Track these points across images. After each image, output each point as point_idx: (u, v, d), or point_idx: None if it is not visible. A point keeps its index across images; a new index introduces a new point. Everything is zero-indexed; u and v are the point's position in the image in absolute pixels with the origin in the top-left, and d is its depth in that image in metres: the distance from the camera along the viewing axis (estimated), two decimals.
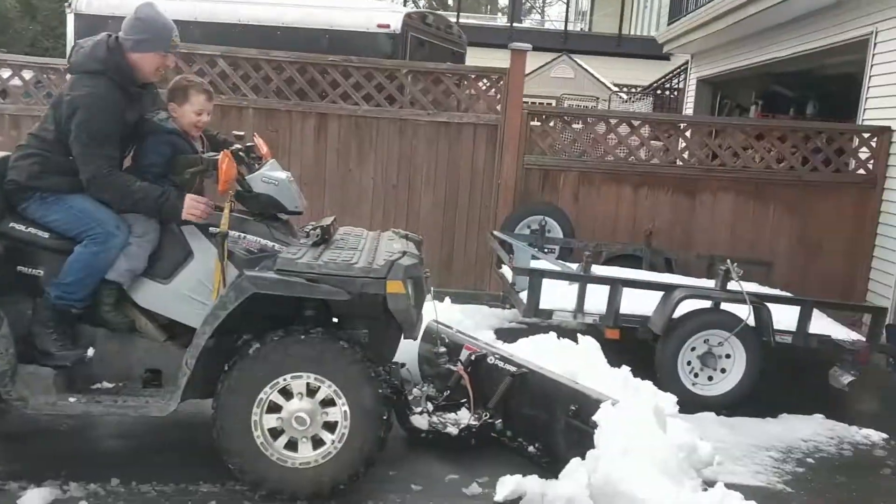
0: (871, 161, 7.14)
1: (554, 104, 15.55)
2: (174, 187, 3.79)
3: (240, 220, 3.95)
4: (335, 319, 3.97)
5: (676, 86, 15.44)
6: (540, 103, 16.93)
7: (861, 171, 7.18)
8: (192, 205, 3.70)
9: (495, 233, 6.74)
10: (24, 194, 3.81)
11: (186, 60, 7.14)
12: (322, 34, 8.21)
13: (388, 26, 8.04)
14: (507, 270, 6.46)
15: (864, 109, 7.56)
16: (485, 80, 7.26)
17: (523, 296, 5.43)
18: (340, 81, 7.09)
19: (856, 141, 7.28)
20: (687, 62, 16.37)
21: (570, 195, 7.16)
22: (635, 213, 7.17)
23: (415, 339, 4.12)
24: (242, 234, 3.89)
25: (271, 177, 3.97)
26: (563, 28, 22.36)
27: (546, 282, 5.30)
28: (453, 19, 20.50)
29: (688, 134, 7.42)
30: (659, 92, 15.81)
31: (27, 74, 7.28)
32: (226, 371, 3.58)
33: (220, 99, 7.12)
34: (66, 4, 9.07)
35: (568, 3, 23.10)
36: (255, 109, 7.18)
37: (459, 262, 7.31)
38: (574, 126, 7.34)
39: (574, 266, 5.76)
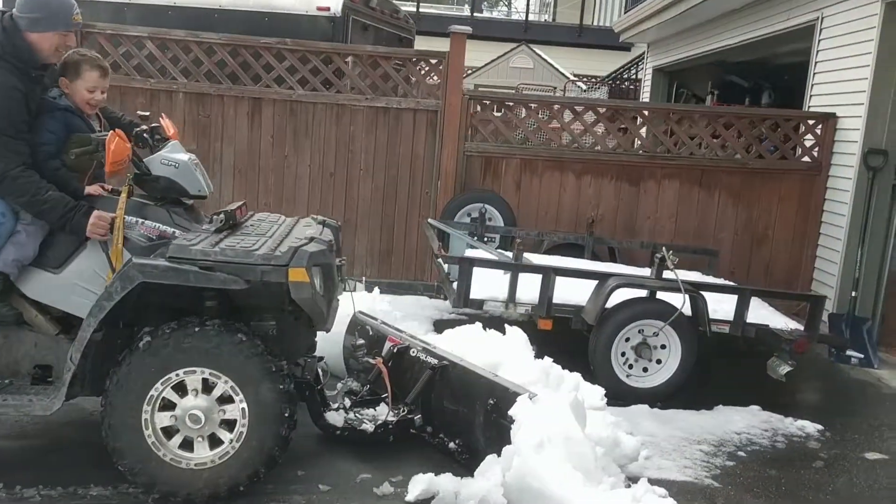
0: (816, 148, 7.04)
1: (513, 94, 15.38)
2: (80, 200, 3.53)
3: (139, 204, 3.70)
4: (243, 311, 3.75)
5: (633, 76, 15.35)
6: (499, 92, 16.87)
7: (806, 159, 7.08)
8: (97, 223, 3.45)
9: (431, 221, 6.55)
10: None
11: (112, 42, 6.84)
12: (261, 17, 7.92)
13: (327, 9, 7.78)
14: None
15: (811, 96, 7.47)
16: (423, 64, 7.04)
17: (455, 285, 5.24)
18: (274, 64, 6.83)
19: (801, 128, 7.18)
20: (644, 52, 16.34)
21: (512, 183, 6.98)
22: (578, 202, 7.01)
23: (327, 330, 3.91)
24: (140, 220, 3.65)
25: (171, 158, 3.74)
26: (524, 19, 22.13)
27: (482, 272, 5.11)
28: (410, 7, 20.32)
29: (638, 122, 7.27)
30: (616, 82, 15.69)
31: None
32: (115, 366, 3.35)
33: (147, 83, 6.87)
34: None
35: None
36: (185, 94, 6.90)
37: (399, 252, 7.10)
38: (516, 112, 7.15)
39: (509, 254, 5.57)
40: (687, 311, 4.93)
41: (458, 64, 6.79)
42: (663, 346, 4.97)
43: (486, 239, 6.50)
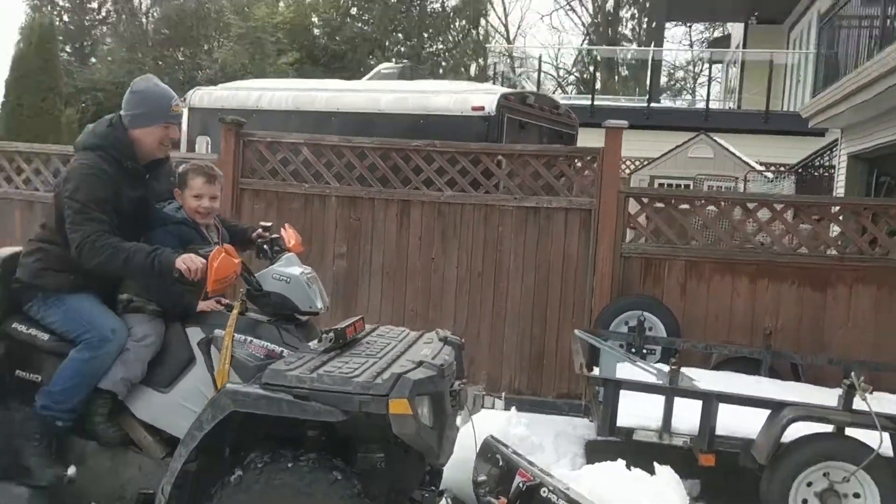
0: None
1: (691, 186, 14.59)
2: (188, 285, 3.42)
3: (250, 321, 3.55)
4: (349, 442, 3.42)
5: (826, 163, 14.06)
6: (676, 185, 16.06)
7: None
8: (189, 258, 3.29)
9: (578, 332, 6.01)
10: (29, 294, 3.60)
11: (271, 149, 7.04)
12: (418, 119, 7.97)
13: (482, 108, 7.67)
14: (597, 370, 5.70)
15: None
16: (577, 161, 6.64)
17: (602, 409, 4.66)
18: (423, 167, 6.72)
19: None
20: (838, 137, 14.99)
21: (676, 287, 6.31)
22: (753, 309, 6.20)
23: (441, 465, 3.51)
24: (249, 339, 3.48)
25: (283, 273, 3.56)
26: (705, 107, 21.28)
27: (633, 393, 4.52)
28: (584, 101, 20.14)
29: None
30: (807, 170, 14.44)
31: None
32: (208, 501, 3.12)
33: (302, 188, 6.97)
34: (182, 100, 9.41)
35: (710, 80, 22.11)
36: (337, 198, 6.93)
37: (551, 359, 6.59)
38: (681, 208, 6.53)
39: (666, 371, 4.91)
40: (887, 451, 4.03)
41: (613, 160, 6.34)
42: (857, 496, 4.08)
43: (645, 351, 5.87)
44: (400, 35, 31.54)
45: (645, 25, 36.92)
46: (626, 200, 6.38)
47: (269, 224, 4.02)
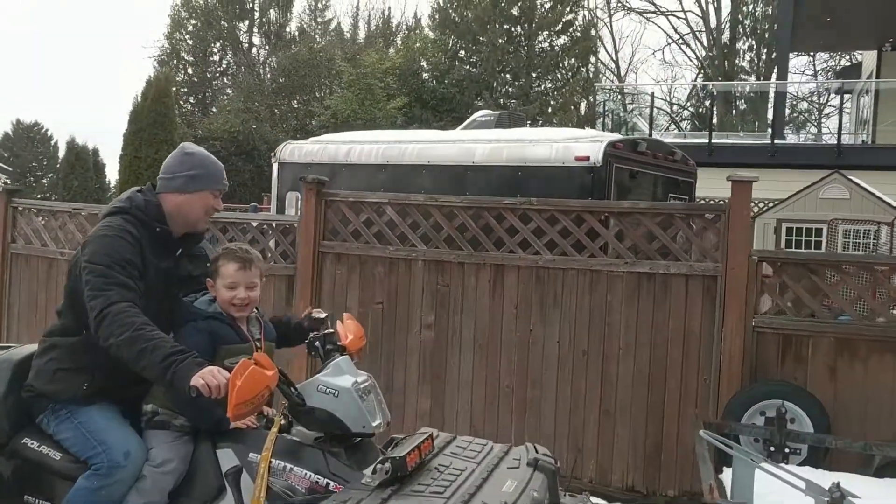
0: None
1: (824, 231, 13.18)
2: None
3: (292, 444, 2.89)
4: None
5: None
6: (807, 228, 14.61)
7: None
8: (210, 372, 2.63)
9: (703, 433, 5.04)
10: (41, 404, 3.07)
11: (353, 209, 6.48)
12: (514, 171, 7.25)
13: (586, 158, 6.88)
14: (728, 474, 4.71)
15: None
16: (697, 221, 5.71)
17: None
18: (518, 227, 5.96)
19: None
20: None
21: (824, 370, 5.24)
22: None
23: None
24: (289, 466, 2.81)
25: (329, 384, 2.89)
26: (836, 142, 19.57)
27: None
28: (702, 140, 18.88)
29: None
30: None
31: None
32: None
33: (387, 251, 6.36)
34: (272, 155, 9.10)
35: (841, 113, 20.40)
36: (424, 262, 6.26)
37: (670, 455, 5.61)
38: (826, 274, 5.47)
39: (837, 493, 3.89)
40: None
41: (742, 217, 5.39)
42: None
43: (787, 451, 4.84)
44: (508, 76, 31.20)
45: (764, 57, 35.13)
46: (759, 266, 5.39)
47: (322, 315, 3.36)
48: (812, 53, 31.85)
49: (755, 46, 36.01)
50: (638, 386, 5.71)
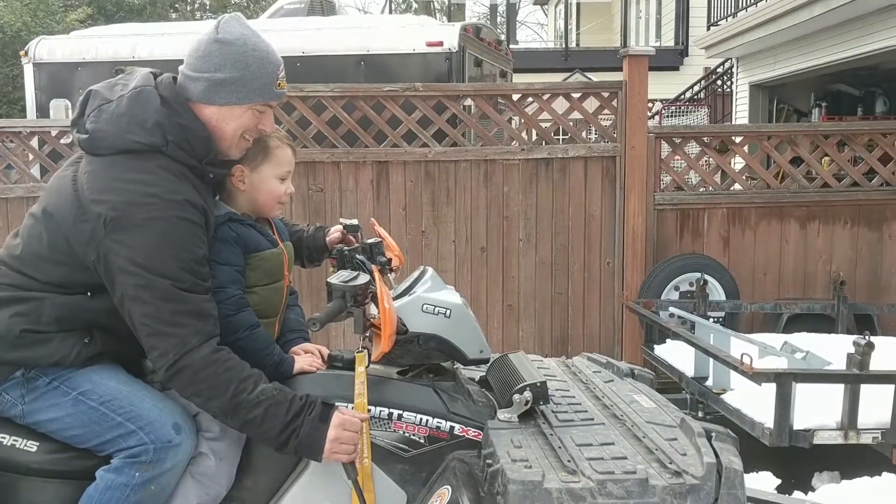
0: None
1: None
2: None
3: (389, 384, 2.18)
4: None
5: (720, 91, 13.92)
6: None
7: None
8: (343, 436, 1.96)
9: (631, 304, 5.01)
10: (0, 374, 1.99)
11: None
12: (355, 62, 6.46)
13: (440, 44, 6.31)
14: (666, 351, 4.71)
15: None
16: (593, 100, 5.50)
17: (747, 408, 3.68)
18: (402, 117, 5.31)
19: None
20: (713, 68, 14.96)
21: (719, 240, 5.43)
22: (805, 258, 5.45)
23: None
24: (395, 412, 2.10)
25: (438, 302, 2.17)
26: (562, 45, 20.88)
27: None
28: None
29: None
30: (695, 102, 14.23)
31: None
32: None
33: None
34: (22, 53, 7.24)
35: (566, 20, 21.78)
36: None
37: (577, 342, 5.51)
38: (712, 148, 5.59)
39: (797, 351, 3.98)
40: None
41: (639, 95, 5.27)
42: None
43: (709, 319, 4.94)
44: None
45: None
46: (657, 143, 5.35)
47: (354, 223, 2.55)
48: None
49: None
50: (541, 277, 5.48)
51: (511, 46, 19.59)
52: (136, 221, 1.85)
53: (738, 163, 5.61)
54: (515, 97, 5.43)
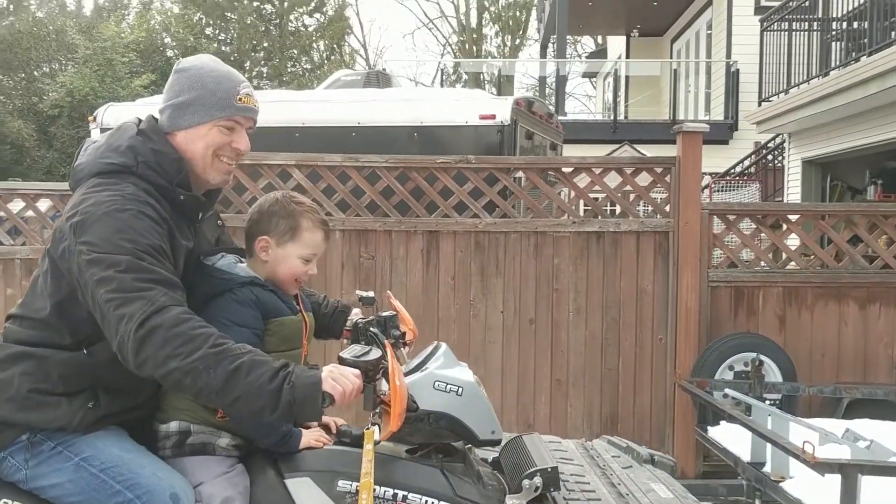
0: None
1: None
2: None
3: (396, 463, 2.13)
4: None
5: (771, 166, 13.82)
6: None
7: None
8: (340, 374, 1.90)
9: (684, 383, 4.89)
10: (6, 437, 2.00)
11: (251, 175, 5.45)
12: (408, 134, 6.57)
13: (493, 117, 6.39)
14: (720, 433, 4.57)
15: None
16: (646, 175, 5.49)
17: (809, 498, 3.52)
18: (454, 188, 5.36)
19: None
20: (764, 143, 14.89)
21: (774, 320, 5.30)
22: (865, 340, 5.29)
23: None
24: (401, 494, 2.05)
25: (450, 379, 2.13)
26: (611, 117, 21.01)
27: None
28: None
29: None
30: (745, 177, 14.13)
31: (43, 205, 5.59)
32: None
33: None
34: (91, 119, 7.53)
35: (615, 92, 22.00)
36: (342, 231, 5.43)
37: (627, 420, 5.38)
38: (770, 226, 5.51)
39: (860, 439, 3.83)
40: None
41: (693, 171, 5.25)
42: None
43: (766, 402, 4.78)
44: (261, 55, 29.79)
45: (509, 43, 36.88)
46: (710, 219, 5.30)
47: (370, 295, 2.57)
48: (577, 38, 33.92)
49: (500, 33, 37.68)
50: (591, 352, 5.40)
51: (559, 117, 19.84)
52: (97, 218, 1.91)
53: (791, 240, 5.51)
54: (567, 170, 5.45)
